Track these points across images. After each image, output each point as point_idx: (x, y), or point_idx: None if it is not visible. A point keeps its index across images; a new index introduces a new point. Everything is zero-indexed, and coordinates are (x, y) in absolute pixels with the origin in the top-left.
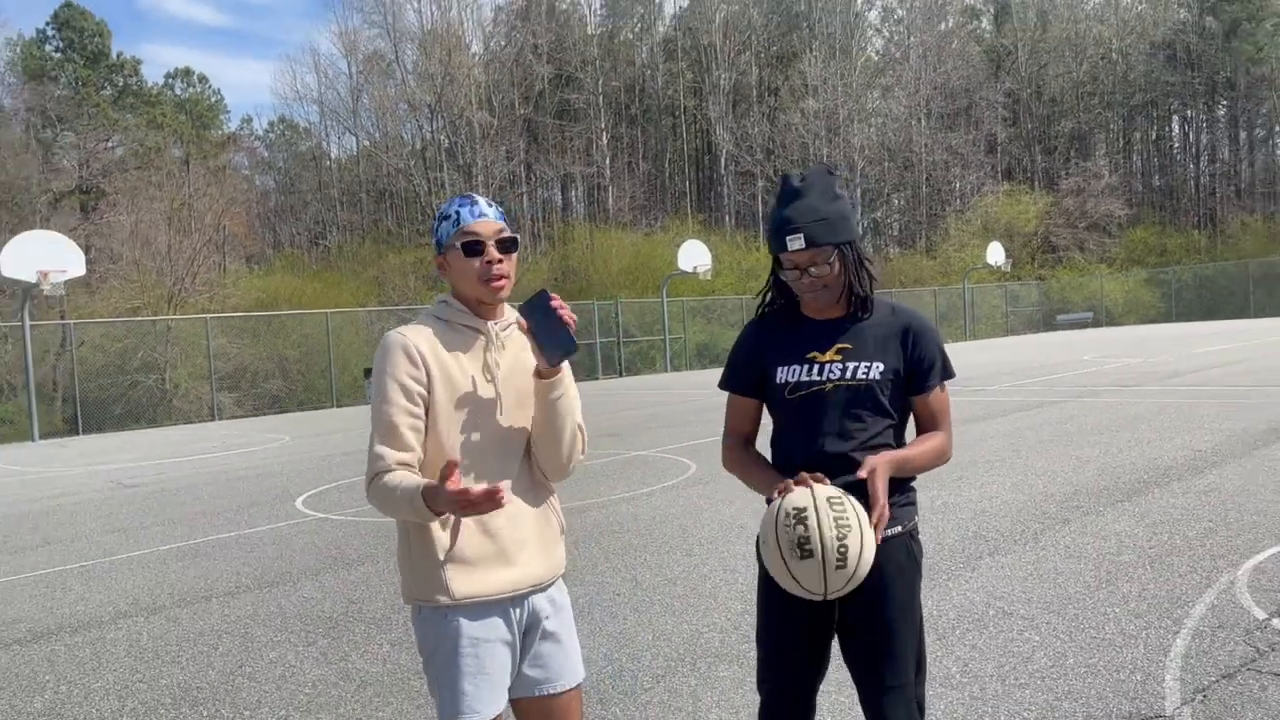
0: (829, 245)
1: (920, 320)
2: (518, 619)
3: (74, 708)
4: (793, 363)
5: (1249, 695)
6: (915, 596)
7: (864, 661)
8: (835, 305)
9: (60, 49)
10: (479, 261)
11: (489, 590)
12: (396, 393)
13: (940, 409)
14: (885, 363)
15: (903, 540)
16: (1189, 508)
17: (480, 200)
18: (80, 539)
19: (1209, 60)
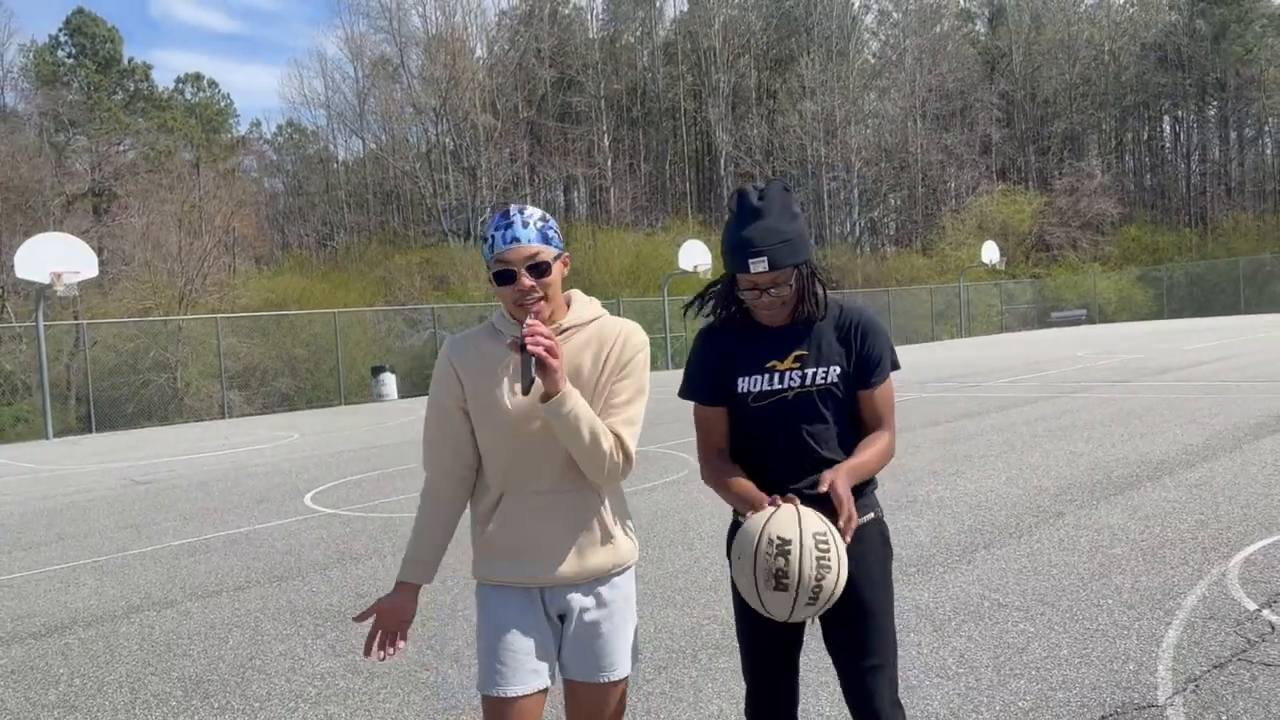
0: (790, 266)
1: (867, 317)
2: (549, 607)
3: (87, 700)
4: (754, 373)
5: (1239, 685)
6: (888, 579)
7: (846, 644)
8: (787, 314)
9: (72, 54)
10: (510, 290)
11: (503, 578)
12: (434, 410)
13: (884, 404)
14: (839, 364)
15: (875, 525)
16: (1180, 501)
17: (516, 220)
18: (93, 535)
19: (1199, 61)
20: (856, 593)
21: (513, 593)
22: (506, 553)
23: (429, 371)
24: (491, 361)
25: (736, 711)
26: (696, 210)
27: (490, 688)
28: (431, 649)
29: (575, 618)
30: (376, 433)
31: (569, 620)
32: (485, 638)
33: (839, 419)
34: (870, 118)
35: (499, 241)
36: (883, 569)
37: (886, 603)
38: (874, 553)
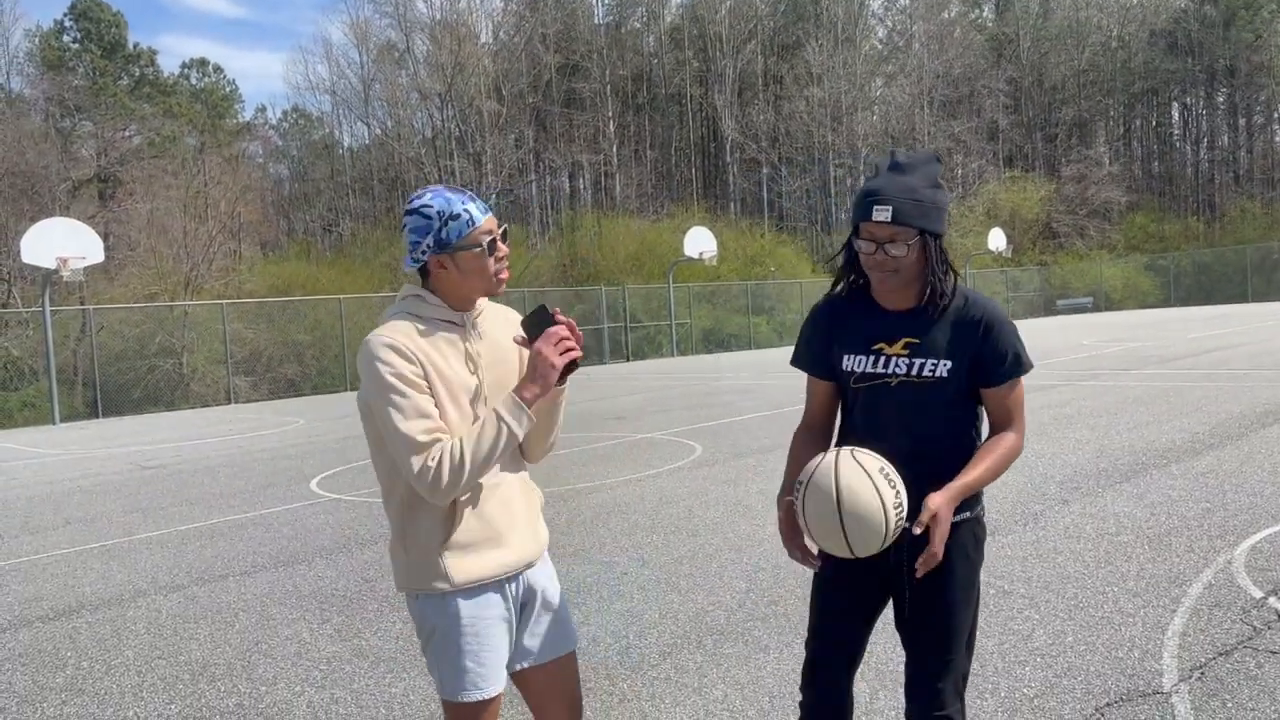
0: (913, 227)
1: (994, 311)
2: (514, 596)
3: (95, 682)
4: (858, 352)
5: (1245, 672)
6: (977, 578)
7: (919, 637)
8: (908, 295)
9: (78, 40)
10: (493, 260)
11: (486, 573)
12: (407, 385)
13: (1014, 404)
14: (954, 360)
15: (969, 525)
16: (1187, 489)
17: (467, 192)
18: (100, 519)
19: (1209, 47)
20: (941, 592)
21: (488, 593)
22: (480, 545)
23: None
24: (440, 348)
25: (742, 697)
26: (702, 197)
27: (472, 691)
28: None
29: (539, 600)
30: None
31: (532, 604)
32: (459, 644)
33: (948, 417)
34: (877, 104)
35: (478, 212)
36: (969, 572)
37: (968, 606)
38: (962, 553)
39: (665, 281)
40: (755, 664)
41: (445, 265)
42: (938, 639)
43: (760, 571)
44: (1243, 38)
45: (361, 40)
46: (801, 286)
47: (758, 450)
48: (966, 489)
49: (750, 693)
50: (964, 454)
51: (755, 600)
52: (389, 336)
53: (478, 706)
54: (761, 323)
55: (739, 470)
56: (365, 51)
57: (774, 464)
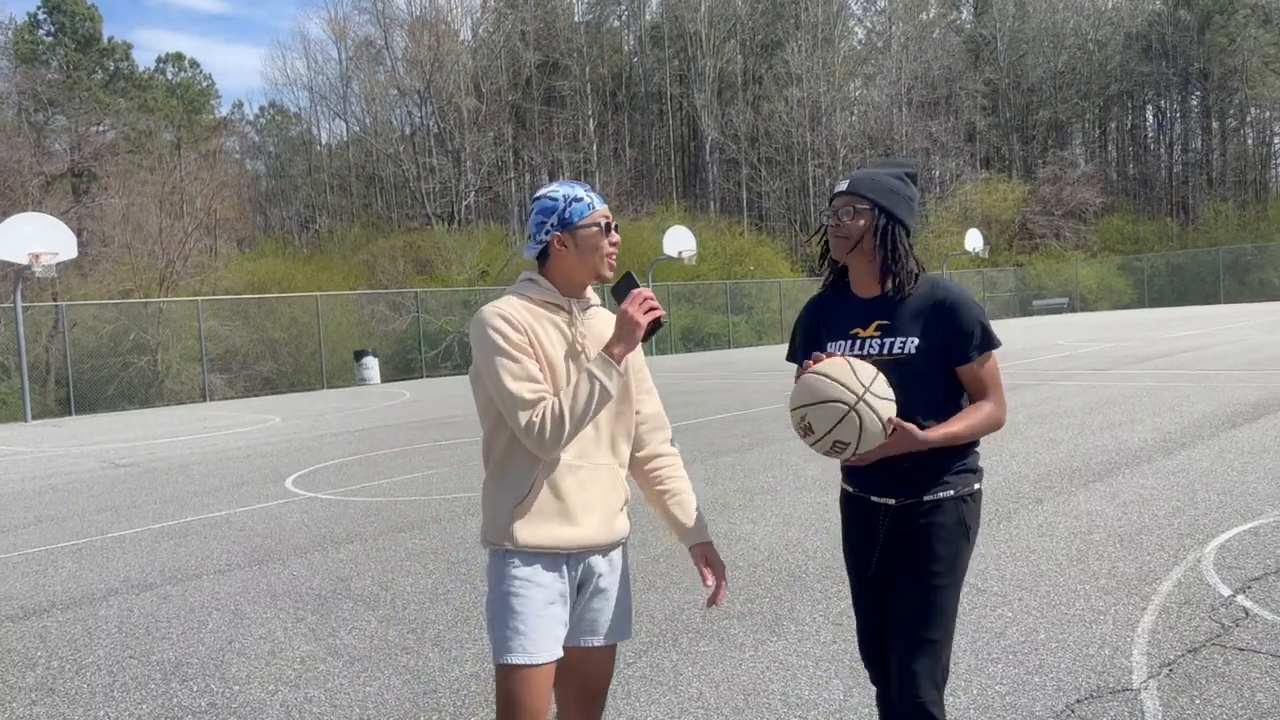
0: (866, 200)
1: (957, 293)
2: (572, 574)
3: (65, 682)
4: (839, 338)
5: (1213, 669)
6: (961, 559)
7: (900, 611)
8: (876, 283)
9: (52, 33)
10: (607, 241)
11: (547, 542)
12: (514, 351)
13: (988, 378)
14: (920, 337)
15: (953, 503)
16: (1158, 488)
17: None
18: (72, 518)
19: (1183, 51)
20: (924, 566)
21: (544, 561)
22: (544, 520)
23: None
24: (546, 326)
25: (717, 694)
26: (682, 196)
27: (518, 654)
28: (412, 632)
29: (595, 584)
30: (358, 416)
31: (587, 587)
32: (509, 604)
33: (921, 392)
34: (856, 105)
35: (597, 201)
36: (952, 552)
37: (950, 587)
38: (944, 530)
39: (645, 280)
40: (730, 662)
41: (566, 244)
42: (916, 614)
43: (736, 570)
44: (1216, 42)
45: (340, 36)
46: (780, 286)
47: (735, 449)
48: (943, 437)
49: (725, 690)
50: None
51: (731, 599)
52: (501, 308)
53: (522, 672)
54: (740, 322)
55: (716, 469)
56: (343, 47)
57: (751, 463)
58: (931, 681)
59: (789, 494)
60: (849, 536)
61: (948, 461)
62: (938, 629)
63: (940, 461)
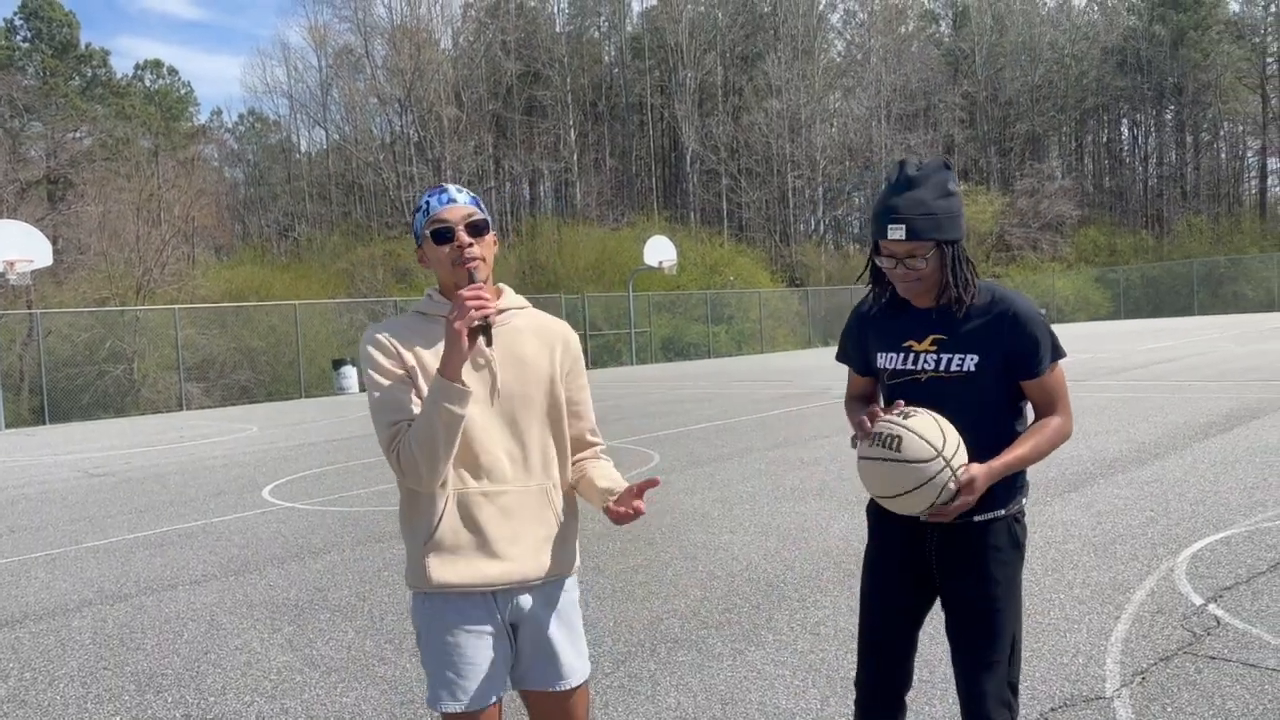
0: (930, 240)
1: (1021, 304)
2: (503, 612)
3: (38, 694)
4: (891, 350)
5: (1185, 678)
6: (1016, 578)
7: (962, 635)
8: (935, 294)
9: (29, 39)
10: (449, 247)
11: (463, 580)
12: (381, 378)
13: (1054, 390)
14: (982, 354)
15: (1004, 523)
16: (1132, 498)
17: (450, 188)
18: (46, 528)
19: (1158, 66)
20: (981, 589)
21: (464, 601)
22: (459, 555)
23: None
24: (435, 344)
25: (695, 704)
26: (662, 206)
27: (449, 701)
28: (390, 643)
29: (530, 624)
30: (336, 426)
31: (523, 628)
32: (438, 649)
33: (979, 410)
34: (835, 117)
35: (435, 204)
36: (1009, 571)
37: (1009, 605)
38: (1000, 553)
39: (625, 290)
40: (708, 671)
41: (423, 258)
42: (978, 640)
43: (714, 580)
44: (1190, 57)
45: (320, 44)
46: (760, 296)
47: (714, 459)
48: (1008, 465)
49: (703, 700)
50: (1001, 445)
51: (709, 608)
52: (376, 330)
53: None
54: (721, 332)
55: (695, 479)
56: (323, 55)
57: (730, 473)
58: (1000, 701)
59: (768, 504)
60: (884, 560)
61: (1000, 480)
62: (998, 650)
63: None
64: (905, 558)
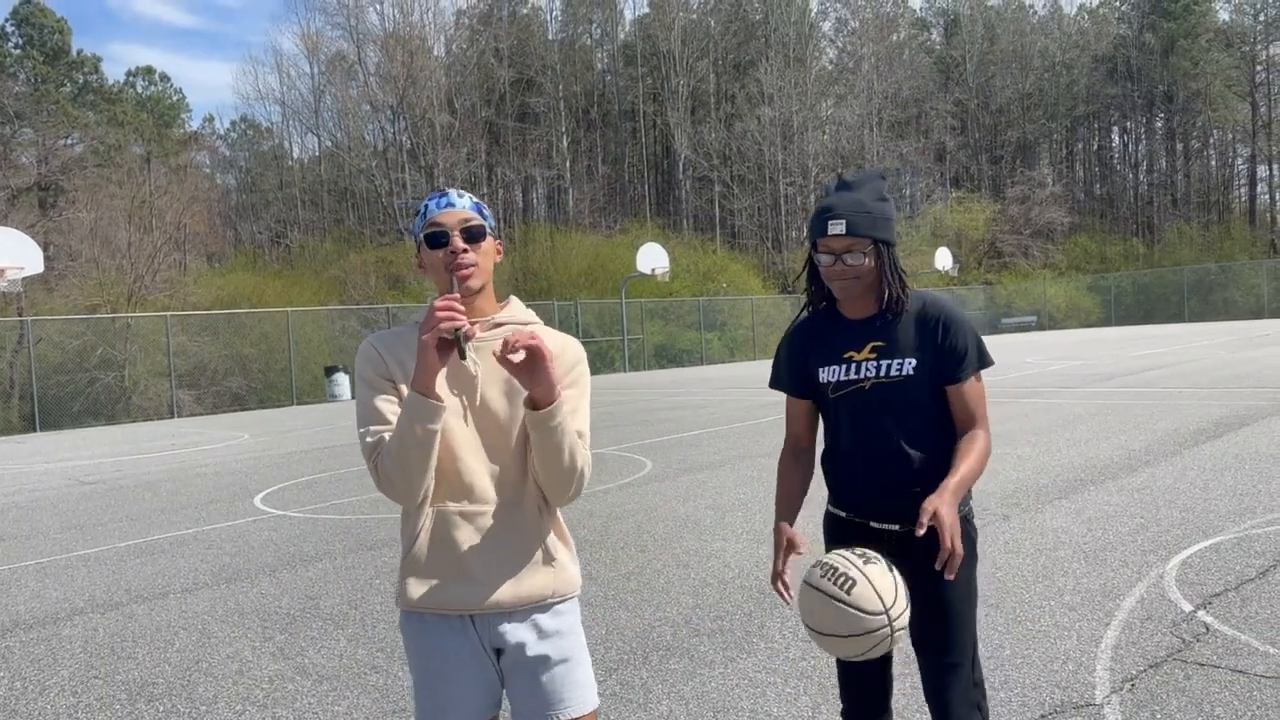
0: (867, 237)
1: (950, 310)
2: (484, 639)
3: (28, 703)
4: (832, 363)
5: (1174, 684)
6: (971, 579)
7: (926, 641)
8: (869, 303)
9: (20, 45)
10: (443, 252)
11: (436, 603)
12: (366, 389)
13: (974, 400)
14: (918, 358)
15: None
16: (1122, 505)
17: (451, 192)
18: (36, 536)
19: (1148, 74)
20: (939, 592)
21: (442, 624)
22: (434, 575)
23: None
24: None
25: (687, 712)
26: (655, 214)
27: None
28: (382, 651)
29: (514, 652)
30: (328, 433)
31: (507, 655)
32: (419, 672)
33: (920, 413)
34: (827, 124)
35: (433, 208)
36: (964, 573)
37: (967, 607)
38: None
39: (618, 297)
40: (700, 679)
41: (422, 264)
42: (942, 644)
43: (707, 587)
44: (1180, 65)
45: (312, 51)
46: (753, 303)
47: (707, 466)
48: (961, 486)
49: (695, 708)
50: (949, 449)
51: (701, 616)
52: (373, 339)
53: None
54: (714, 338)
55: (688, 486)
56: (316, 62)
57: (723, 480)
58: (968, 703)
59: (760, 511)
60: None
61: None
62: (961, 651)
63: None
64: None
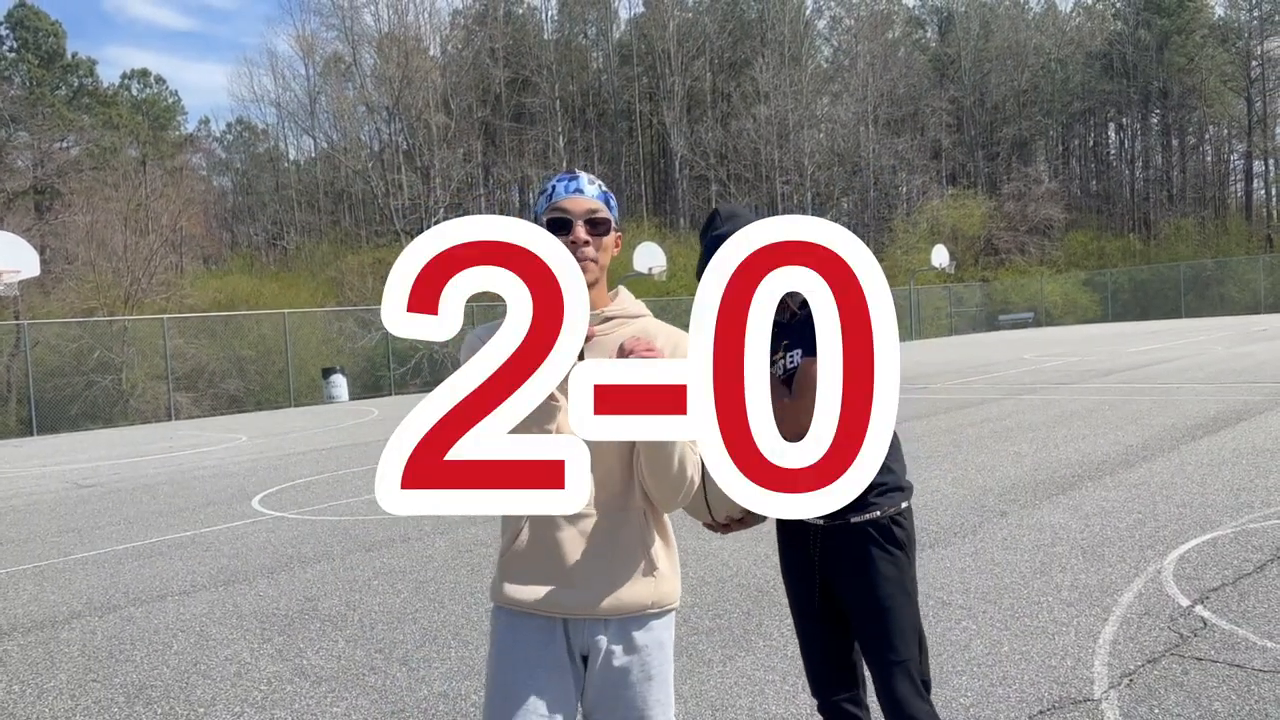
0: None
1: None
2: (571, 643)
3: (26, 707)
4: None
5: (1172, 679)
6: (907, 575)
7: (865, 640)
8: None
9: (14, 49)
10: (563, 240)
11: (527, 602)
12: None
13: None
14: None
15: (882, 525)
16: (1120, 500)
17: (583, 176)
18: (34, 539)
19: (1143, 70)
20: (868, 591)
21: (531, 623)
22: (531, 575)
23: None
24: None
25: (685, 711)
26: (652, 213)
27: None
28: (380, 652)
29: (601, 660)
30: (326, 435)
31: (593, 662)
32: (495, 672)
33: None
34: (823, 122)
35: (560, 191)
36: (895, 569)
37: (905, 603)
38: (884, 552)
39: None
40: (698, 678)
41: None
42: (880, 640)
43: (704, 586)
44: (1175, 61)
45: (308, 53)
46: None
47: None
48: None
49: (693, 706)
50: None
51: (699, 615)
52: (477, 330)
53: None
54: None
55: None
56: (311, 64)
57: None
58: (917, 696)
59: None
60: (786, 565)
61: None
62: (903, 648)
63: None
64: (800, 558)
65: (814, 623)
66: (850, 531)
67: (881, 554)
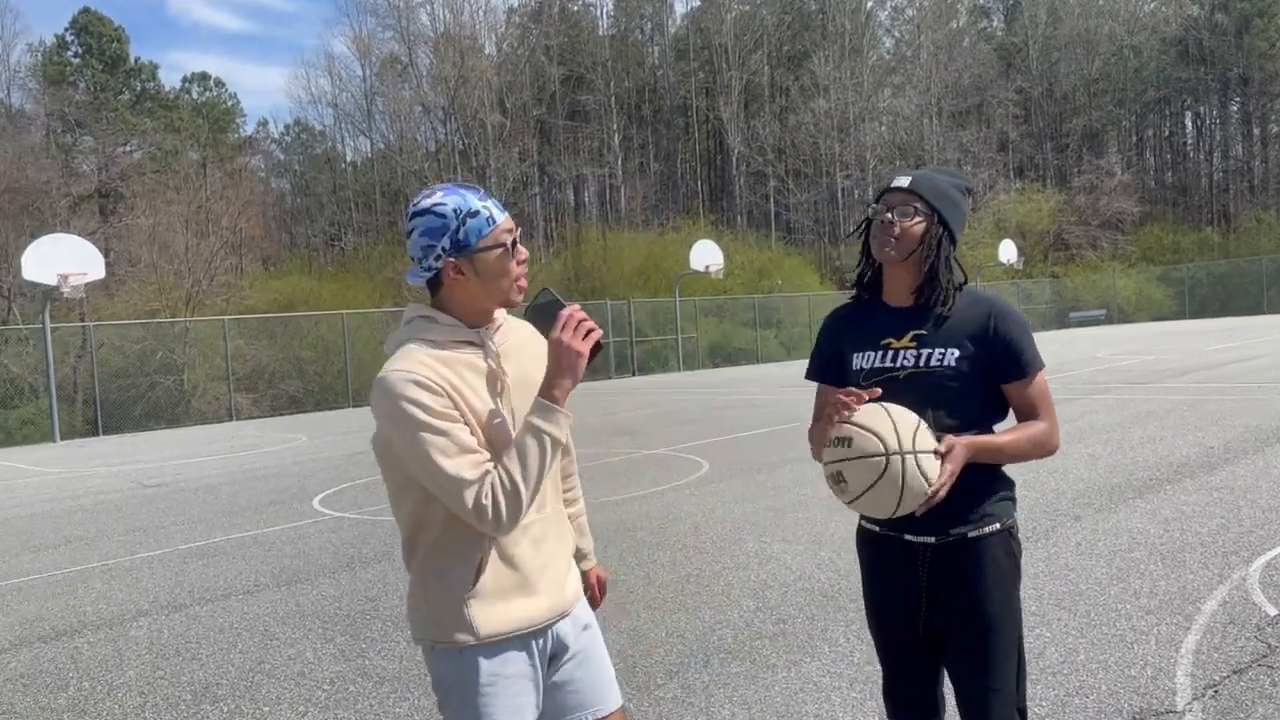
0: (926, 202)
1: (1001, 305)
2: (541, 650)
3: (97, 703)
4: (868, 349)
5: (1260, 691)
6: (1014, 596)
7: (963, 662)
8: (911, 287)
9: (79, 55)
10: (514, 263)
11: (514, 624)
12: (441, 420)
13: (1038, 398)
14: (961, 350)
15: (999, 538)
16: (1201, 504)
17: (483, 190)
18: (101, 538)
19: (1221, 56)
20: (977, 608)
21: (513, 649)
22: (508, 593)
23: None
24: (462, 375)
25: (749, 716)
26: (708, 210)
27: None
28: None
29: (567, 652)
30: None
31: (560, 658)
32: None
33: (962, 409)
34: (884, 115)
35: (496, 210)
36: (1006, 589)
37: (1009, 623)
38: (998, 569)
39: (671, 295)
40: (763, 683)
41: (463, 271)
42: (978, 663)
43: (768, 589)
44: (1256, 46)
45: (364, 53)
46: (810, 299)
47: (765, 466)
48: (989, 445)
49: (758, 712)
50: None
51: (763, 619)
52: (408, 370)
53: None
54: (769, 336)
55: (746, 486)
56: (368, 65)
57: (782, 480)
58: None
59: (820, 512)
60: (879, 587)
61: (989, 490)
62: (1003, 676)
63: (982, 491)
64: (902, 581)
65: (912, 654)
66: (966, 548)
67: (995, 570)
